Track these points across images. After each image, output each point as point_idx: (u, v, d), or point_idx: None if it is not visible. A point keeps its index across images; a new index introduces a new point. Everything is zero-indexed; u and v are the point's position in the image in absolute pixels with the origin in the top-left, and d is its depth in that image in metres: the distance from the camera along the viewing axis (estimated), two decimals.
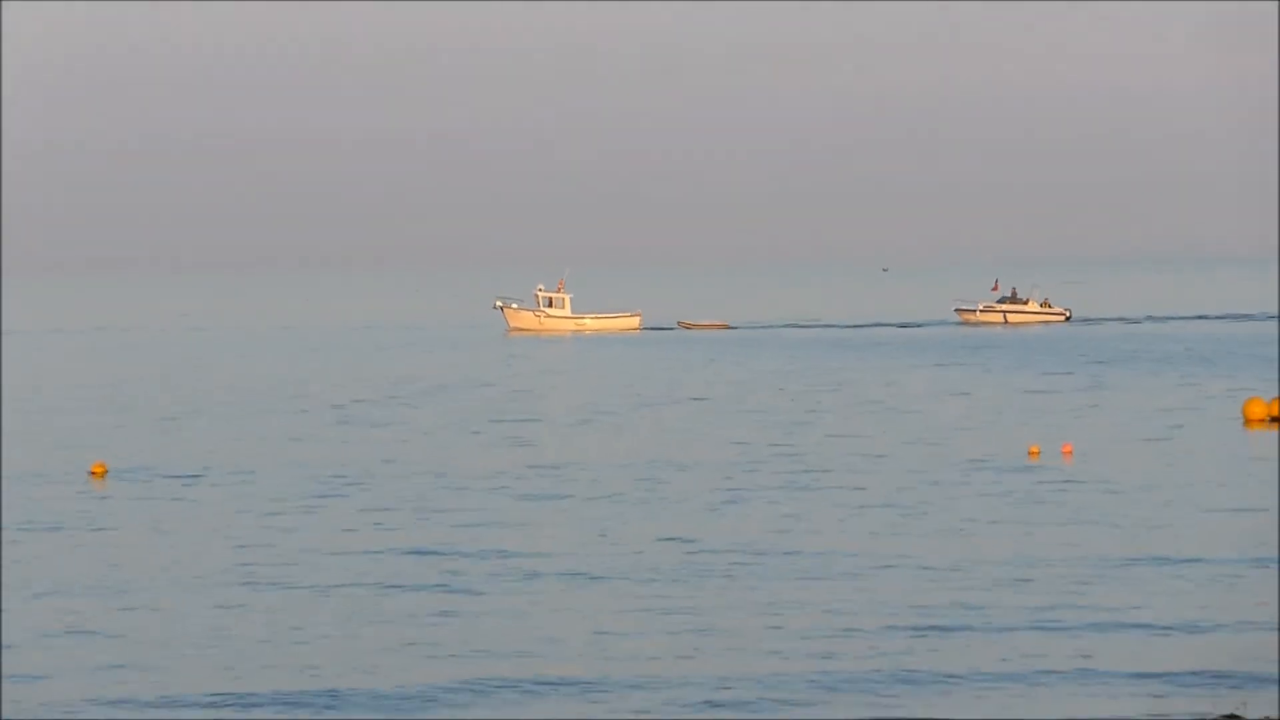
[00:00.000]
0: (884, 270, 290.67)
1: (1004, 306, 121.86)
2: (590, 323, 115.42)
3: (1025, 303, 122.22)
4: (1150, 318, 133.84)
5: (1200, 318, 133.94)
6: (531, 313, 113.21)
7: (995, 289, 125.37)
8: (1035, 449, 50.25)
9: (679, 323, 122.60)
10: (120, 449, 52.62)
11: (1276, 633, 25.06)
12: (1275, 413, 59.55)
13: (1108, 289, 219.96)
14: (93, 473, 46.88)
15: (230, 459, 50.22)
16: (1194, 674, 22.70)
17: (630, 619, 27.63)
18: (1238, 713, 19.57)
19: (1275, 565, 30.27)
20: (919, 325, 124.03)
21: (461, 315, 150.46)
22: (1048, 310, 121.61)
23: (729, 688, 23.46)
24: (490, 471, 47.92)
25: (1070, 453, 49.73)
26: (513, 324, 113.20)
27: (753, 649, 25.44)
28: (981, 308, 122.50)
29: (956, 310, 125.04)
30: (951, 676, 22.76)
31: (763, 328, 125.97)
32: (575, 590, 29.97)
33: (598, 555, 33.12)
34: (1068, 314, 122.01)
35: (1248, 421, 59.02)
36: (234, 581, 31.21)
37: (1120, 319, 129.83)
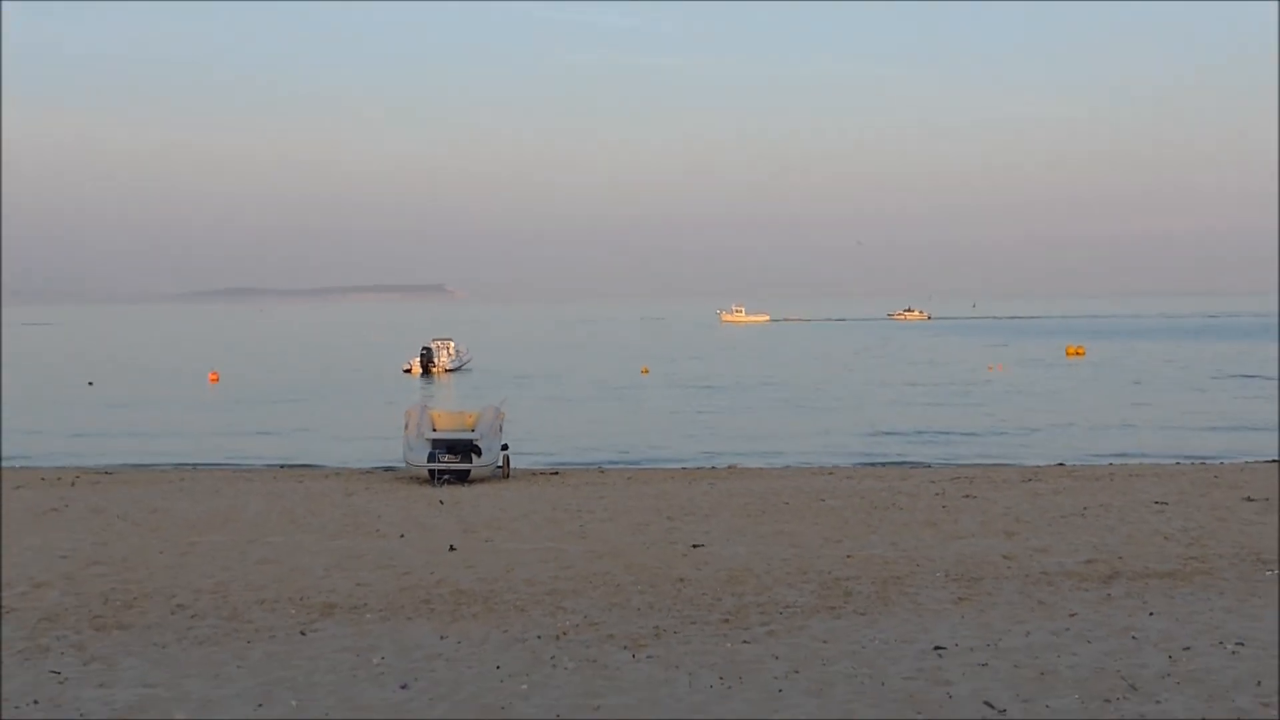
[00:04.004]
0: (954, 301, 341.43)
1: (905, 312, 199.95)
2: (753, 318, 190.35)
3: (912, 311, 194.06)
4: (992, 317, 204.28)
5: (1014, 318, 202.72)
6: (730, 315, 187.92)
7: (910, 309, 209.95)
8: (991, 366, 75.40)
9: (784, 317, 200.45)
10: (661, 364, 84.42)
11: None
12: (1077, 352, 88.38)
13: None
14: (642, 371, 74.11)
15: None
16: None
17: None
18: None
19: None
20: (879, 320, 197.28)
21: (695, 317, 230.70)
22: (921, 314, 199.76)
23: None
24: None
25: (1002, 368, 74.93)
26: (723, 320, 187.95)
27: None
28: (898, 313, 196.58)
29: (889, 314, 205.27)
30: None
31: (840, 319, 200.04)
32: None
33: None
34: (928, 315, 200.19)
35: (1067, 354, 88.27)
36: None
37: (966, 317, 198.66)
